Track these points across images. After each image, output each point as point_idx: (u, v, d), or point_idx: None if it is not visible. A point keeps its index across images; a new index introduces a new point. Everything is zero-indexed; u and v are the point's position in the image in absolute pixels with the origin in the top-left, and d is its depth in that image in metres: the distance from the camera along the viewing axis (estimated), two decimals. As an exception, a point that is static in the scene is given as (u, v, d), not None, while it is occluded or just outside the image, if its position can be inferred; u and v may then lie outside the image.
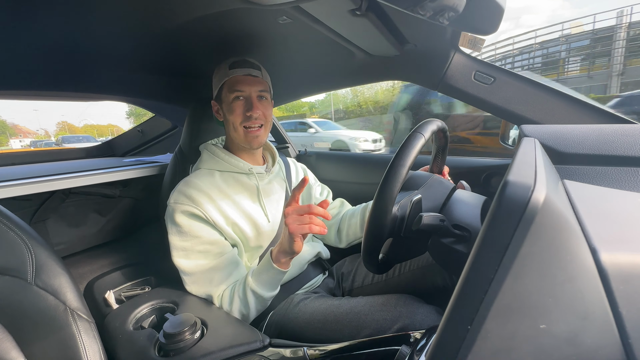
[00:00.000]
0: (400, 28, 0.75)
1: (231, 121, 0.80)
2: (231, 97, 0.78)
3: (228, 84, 0.79)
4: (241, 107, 0.79)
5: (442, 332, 0.24)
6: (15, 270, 0.49)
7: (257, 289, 0.71)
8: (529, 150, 0.40)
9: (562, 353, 0.22)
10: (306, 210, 0.65)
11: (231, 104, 0.79)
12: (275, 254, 0.71)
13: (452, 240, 0.52)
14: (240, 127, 0.80)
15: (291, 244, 0.67)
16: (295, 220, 0.65)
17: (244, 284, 0.73)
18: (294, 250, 0.67)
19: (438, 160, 0.77)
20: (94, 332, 0.53)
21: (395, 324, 0.63)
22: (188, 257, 0.74)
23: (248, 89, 0.79)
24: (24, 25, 0.62)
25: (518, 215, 0.21)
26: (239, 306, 0.72)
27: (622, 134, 0.58)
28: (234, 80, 0.78)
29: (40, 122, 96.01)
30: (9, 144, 54.07)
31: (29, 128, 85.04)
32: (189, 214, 0.73)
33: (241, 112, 0.79)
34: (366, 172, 1.32)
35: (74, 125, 79.71)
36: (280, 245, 0.70)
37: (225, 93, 0.80)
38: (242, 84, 0.78)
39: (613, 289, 0.22)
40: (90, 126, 64.10)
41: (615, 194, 0.39)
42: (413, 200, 0.56)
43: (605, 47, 12.91)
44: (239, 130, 0.80)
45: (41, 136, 71.90)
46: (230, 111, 0.79)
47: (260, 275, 0.72)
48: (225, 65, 0.80)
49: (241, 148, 0.85)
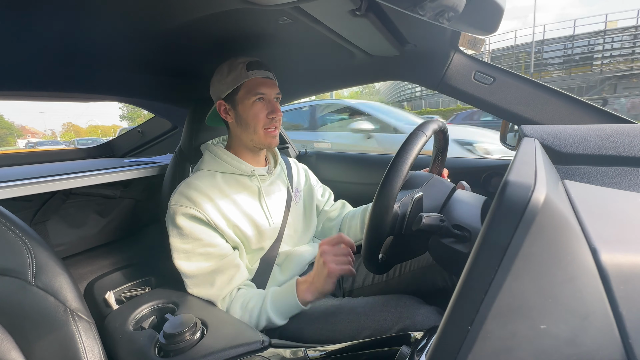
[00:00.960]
0: (400, 28, 0.75)
1: (252, 123, 0.80)
2: (253, 99, 0.78)
3: (248, 86, 0.78)
4: (263, 109, 0.79)
5: (442, 333, 0.24)
6: (16, 271, 0.49)
7: (274, 317, 0.70)
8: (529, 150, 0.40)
9: (563, 353, 0.22)
10: (345, 252, 0.65)
11: (252, 106, 0.79)
12: (303, 291, 0.69)
13: (452, 240, 0.52)
14: (262, 129, 0.80)
15: (327, 283, 0.66)
16: (333, 260, 0.65)
17: (260, 308, 0.70)
18: (327, 290, 0.67)
19: (438, 161, 0.77)
20: (94, 332, 0.53)
21: (396, 324, 0.63)
22: (189, 259, 0.73)
23: (269, 91, 0.79)
24: (24, 25, 0.62)
25: (518, 216, 0.21)
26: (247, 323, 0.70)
27: (622, 134, 0.58)
28: (255, 82, 0.78)
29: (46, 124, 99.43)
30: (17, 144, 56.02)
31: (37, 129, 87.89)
32: (190, 216, 0.73)
33: (264, 115, 0.79)
34: (367, 172, 1.32)
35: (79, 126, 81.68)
36: (311, 284, 0.68)
37: (243, 94, 0.79)
38: (264, 86, 0.79)
39: (613, 289, 0.22)
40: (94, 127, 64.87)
41: (615, 194, 0.39)
42: (414, 197, 0.56)
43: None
44: (260, 132, 0.80)
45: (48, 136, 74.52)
46: (251, 113, 0.79)
47: (279, 306, 0.70)
48: (240, 65, 0.78)
49: (250, 149, 0.85)
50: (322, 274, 0.66)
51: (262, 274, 0.82)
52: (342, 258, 0.66)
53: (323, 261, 0.66)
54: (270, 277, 0.83)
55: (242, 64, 0.78)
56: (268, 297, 0.72)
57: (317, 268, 0.68)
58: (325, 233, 1.05)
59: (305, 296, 0.69)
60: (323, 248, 0.67)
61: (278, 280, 0.84)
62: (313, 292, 0.68)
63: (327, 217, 1.05)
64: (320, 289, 0.67)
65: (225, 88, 0.79)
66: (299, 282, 0.71)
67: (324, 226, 1.05)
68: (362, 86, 22.42)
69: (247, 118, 0.79)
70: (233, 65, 0.79)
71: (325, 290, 0.67)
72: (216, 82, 0.81)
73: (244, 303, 0.72)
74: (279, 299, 0.71)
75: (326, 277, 0.65)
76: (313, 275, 0.69)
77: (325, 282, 0.66)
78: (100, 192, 1.15)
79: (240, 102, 0.79)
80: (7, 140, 59.31)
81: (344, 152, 1.55)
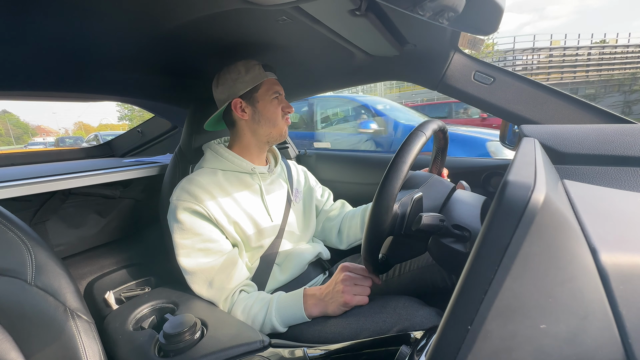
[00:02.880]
0: (400, 28, 0.75)
1: (272, 117, 0.85)
2: (272, 96, 0.84)
3: (267, 84, 0.84)
4: (279, 105, 0.86)
5: (442, 332, 0.24)
6: (15, 271, 0.49)
7: (277, 325, 0.70)
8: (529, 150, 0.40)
9: (562, 353, 0.22)
10: (365, 282, 0.66)
11: (272, 102, 0.84)
12: (311, 305, 0.69)
13: (452, 240, 0.52)
14: (281, 120, 0.86)
15: (339, 310, 0.66)
16: (353, 291, 0.65)
17: (264, 316, 0.70)
18: (336, 314, 0.68)
19: (437, 162, 0.76)
20: (93, 332, 0.53)
21: (394, 326, 0.63)
22: (189, 255, 0.73)
23: (281, 91, 0.87)
24: (24, 25, 0.62)
25: (518, 215, 0.21)
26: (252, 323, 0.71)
27: (622, 134, 0.58)
28: (272, 81, 0.85)
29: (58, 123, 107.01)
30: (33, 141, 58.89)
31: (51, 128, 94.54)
32: (191, 211, 0.73)
33: (280, 109, 0.86)
34: (366, 173, 1.32)
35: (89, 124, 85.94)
36: (321, 300, 0.69)
37: (264, 92, 0.83)
38: (278, 85, 0.86)
39: (613, 289, 0.22)
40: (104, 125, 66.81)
41: (615, 194, 0.40)
42: (414, 197, 0.56)
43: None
44: (280, 123, 0.86)
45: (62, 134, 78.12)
46: (272, 108, 0.85)
47: (285, 316, 0.70)
48: (257, 66, 0.82)
49: (259, 146, 0.88)
50: (336, 300, 0.66)
51: (262, 273, 0.83)
52: (362, 289, 0.66)
53: (342, 289, 0.66)
54: (271, 277, 0.83)
55: (257, 65, 0.83)
56: (273, 306, 0.71)
57: (332, 292, 0.68)
58: (325, 233, 1.05)
59: (312, 310, 0.69)
60: (345, 275, 0.67)
61: (278, 279, 0.84)
62: (321, 310, 0.69)
63: (327, 217, 1.05)
64: (329, 311, 0.68)
65: (244, 86, 0.82)
66: (307, 295, 0.71)
67: (323, 226, 1.05)
68: (362, 86, 22.46)
69: (268, 113, 0.84)
70: (249, 66, 0.82)
71: (334, 314, 0.68)
72: (231, 81, 0.82)
73: (245, 308, 0.72)
74: (285, 309, 0.71)
75: (340, 305, 0.66)
76: (324, 294, 0.69)
77: (337, 309, 0.67)
78: (100, 192, 1.15)
79: (260, 98, 0.83)
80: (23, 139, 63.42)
81: (343, 152, 1.55)
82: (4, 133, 64.61)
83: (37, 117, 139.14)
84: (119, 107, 35.57)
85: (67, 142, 17.92)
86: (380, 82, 3.95)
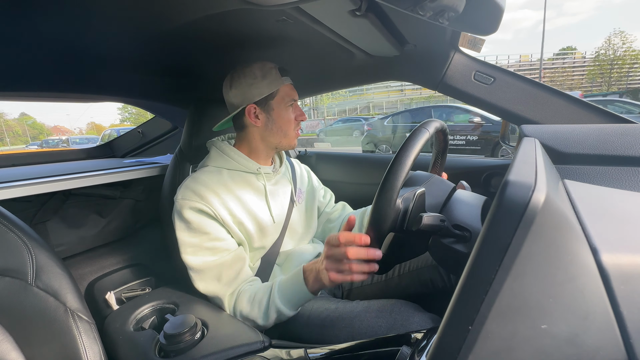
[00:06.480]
0: (400, 28, 0.75)
1: (284, 127, 0.82)
2: (288, 104, 0.82)
3: (283, 91, 0.81)
4: (294, 113, 0.84)
5: (443, 333, 0.24)
6: (16, 272, 0.49)
7: (283, 308, 0.68)
8: (529, 150, 0.40)
9: (563, 353, 0.22)
10: (343, 255, 0.56)
11: (287, 111, 0.82)
12: (311, 280, 0.66)
13: (453, 240, 0.52)
14: (292, 131, 0.84)
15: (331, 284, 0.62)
16: (333, 268, 0.59)
17: (267, 300, 0.69)
18: (332, 286, 0.68)
19: (437, 163, 0.76)
20: (94, 333, 0.53)
21: (390, 332, 0.62)
22: (196, 253, 0.73)
23: (296, 97, 0.85)
24: (25, 26, 0.62)
25: (518, 215, 0.21)
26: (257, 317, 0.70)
27: (622, 134, 0.58)
28: (289, 87, 0.82)
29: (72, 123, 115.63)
30: (48, 140, 63.79)
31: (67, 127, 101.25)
32: (198, 210, 0.73)
33: (294, 118, 0.84)
34: (366, 173, 1.32)
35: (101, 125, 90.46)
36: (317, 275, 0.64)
37: (280, 99, 0.80)
38: (294, 92, 0.84)
39: (614, 289, 0.22)
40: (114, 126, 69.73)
41: (616, 194, 0.39)
42: (417, 193, 0.56)
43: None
44: (291, 134, 0.84)
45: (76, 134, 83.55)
46: (286, 117, 0.82)
47: (288, 295, 0.68)
48: (274, 71, 0.79)
49: (267, 151, 0.86)
50: (324, 277, 0.62)
51: (263, 273, 0.83)
52: (342, 265, 0.58)
53: (325, 267, 0.61)
54: (271, 277, 0.83)
55: (274, 68, 0.80)
56: (275, 287, 0.70)
57: (321, 269, 0.64)
58: (325, 234, 1.05)
59: (313, 286, 0.66)
60: (324, 250, 0.62)
61: (278, 280, 0.84)
62: (320, 285, 0.65)
63: (328, 219, 1.05)
64: (324, 286, 0.65)
65: (259, 93, 0.78)
66: (306, 270, 0.68)
67: (324, 227, 1.05)
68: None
69: (281, 122, 0.82)
70: (265, 70, 0.78)
71: (331, 286, 0.64)
72: (246, 85, 0.78)
73: (251, 296, 0.71)
74: (286, 288, 0.69)
75: (327, 282, 0.62)
76: (319, 269, 0.64)
77: (328, 284, 0.63)
78: (101, 192, 1.15)
79: (276, 106, 0.81)
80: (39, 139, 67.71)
81: (343, 152, 1.55)
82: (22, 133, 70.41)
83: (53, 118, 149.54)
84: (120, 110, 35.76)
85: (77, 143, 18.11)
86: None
